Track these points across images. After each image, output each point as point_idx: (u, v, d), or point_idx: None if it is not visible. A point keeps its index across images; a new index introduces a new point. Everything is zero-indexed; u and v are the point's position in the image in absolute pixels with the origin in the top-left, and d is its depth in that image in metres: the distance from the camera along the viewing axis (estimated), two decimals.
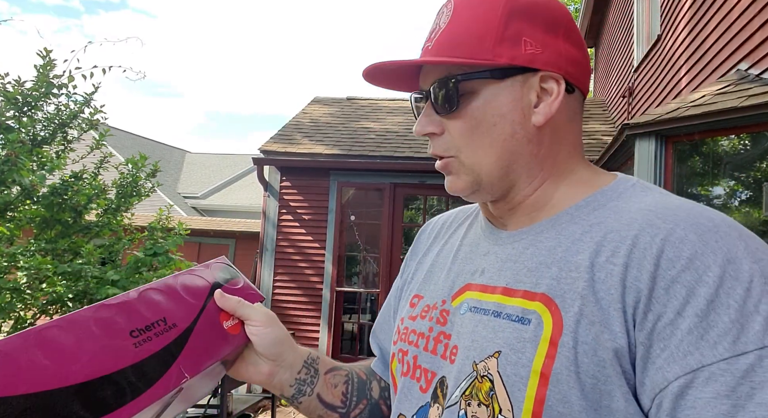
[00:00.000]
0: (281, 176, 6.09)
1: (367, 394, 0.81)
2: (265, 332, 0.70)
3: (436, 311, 0.69)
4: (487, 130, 0.62)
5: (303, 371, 0.75)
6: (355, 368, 0.84)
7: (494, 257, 0.66)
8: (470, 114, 0.62)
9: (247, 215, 14.51)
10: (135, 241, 3.86)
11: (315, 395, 0.76)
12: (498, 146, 0.62)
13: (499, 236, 0.68)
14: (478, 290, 0.65)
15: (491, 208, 0.69)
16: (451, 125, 0.64)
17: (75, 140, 3.78)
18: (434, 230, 0.84)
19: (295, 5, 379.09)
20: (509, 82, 0.62)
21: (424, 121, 0.66)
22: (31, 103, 3.36)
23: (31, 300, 3.04)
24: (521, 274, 0.60)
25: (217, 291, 0.71)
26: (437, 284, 0.72)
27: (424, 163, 5.68)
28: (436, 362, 0.66)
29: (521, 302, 0.58)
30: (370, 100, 7.85)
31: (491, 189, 0.65)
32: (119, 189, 3.80)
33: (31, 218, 3.36)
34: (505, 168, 0.63)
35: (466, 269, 0.69)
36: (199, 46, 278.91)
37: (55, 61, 3.38)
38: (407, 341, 0.72)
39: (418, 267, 0.80)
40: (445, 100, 0.63)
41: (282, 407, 5.45)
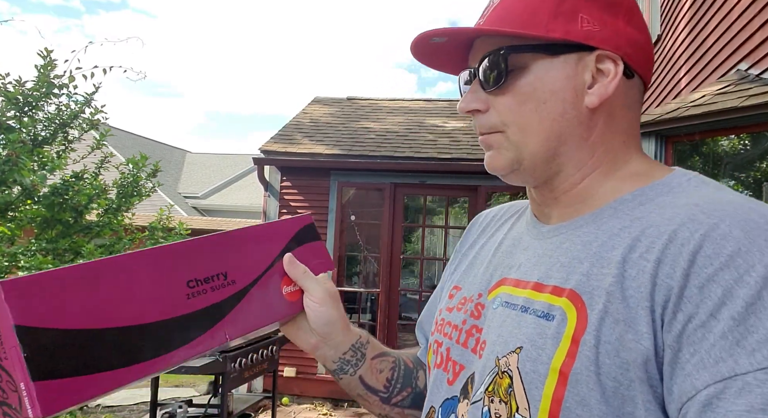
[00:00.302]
0: (281, 176, 6.09)
1: (412, 383, 0.81)
2: (320, 310, 0.70)
3: (472, 304, 0.68)
4: (536, 107, 0.59)
5: (349, 353, 0.75)
6: (403, 355, 0.83)
7: (532, 251, 0.64)
8: (519, 89, 0.59)
9: (248, 214, 14.52)
10: (136, 241, 3.86)
11: (357, 376, 0.76)
12: (546, 125, 0.59)
13: (540, 230, 0.65)
14: (511, 285, 0.63)
15: (535, 194, 0.66)
16: (497, 102, 0.61)
17: (76, 140, 3.78)
18: (483, 223, 0.82)
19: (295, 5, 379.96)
20: (563, 58, 0.58)
21: (469, 97, 0.63)
22: (32, 103, 3.36)
23: None
24: (553, 269, 0.58)
25: (287, 255, 0.69)
26: (476, 276, 0.71)
27: (424, 163, 5.68)
28: (466, 355, 0.65)
29: (548, 298, 0.56)
30: (370, 100, 7.85)
31: (533, 171, 0.62)
32: (120, 189, 3.80)
33: (32, 217, 3.37)
34: (551, 150, 0.60)
35: (504, 263, 0.67)
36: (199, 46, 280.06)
37: (56, 61, 3.38)
38: (442, 332, 0.71)
39: (462, 259, 0.79)
40: (493, 74, 0.60)
41: (282, 407, 5.46)
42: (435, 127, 6.67)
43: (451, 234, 6.23)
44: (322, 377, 5.65)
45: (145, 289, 0.54)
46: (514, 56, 0.59)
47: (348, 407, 5.54)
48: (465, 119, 6.89)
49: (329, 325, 0.71)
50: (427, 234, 6.41)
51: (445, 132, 6.48)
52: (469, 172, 5.60)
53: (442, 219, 6.28)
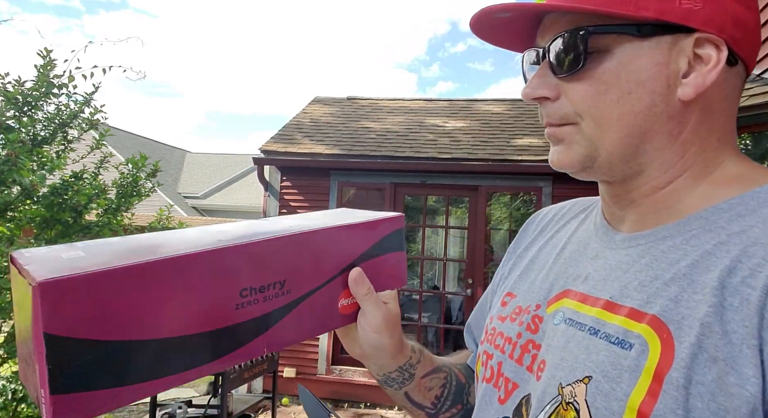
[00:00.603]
0: (281, 176, 6.09)
1: (463, 399, 0.76)
2: (371, 336, 0.64)
3: (528, 315, 0.61)
4: (618, 98, 0.51)
5: (395, 373, 0.70)
6: (455, 368, 0.77)
7: (602, 262, 0.56)
8: (598, 76, 0.51)
9: (248, 214, 14.51)
10: None
11: (402, 391, 0.71)
12: (629, 120, 0.51)
13: (612, 237, 0.57)
14: (577, 300, 0.55)
15: (606, 191, 0.58)
16: (571, 89, 0.53)
17: (75, 140, 3.77)
18: (542, 222, 0.74)
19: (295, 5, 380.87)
20: (654, 42, 0.50)
21: (536, 82, 0.55)
22: (32, 103, 3.35)
23: None
24: (630, 287, 0.50)
25: (356, 270, 0.60)
26: (534, 284, 0.64)
27: (424, 163, 5.68)
28: (520, 373, 0.58)
29: (624, 322, 0.48)
30: (370, 100, 7.84)
31: (608, 170, 0.54)
32: (119, 189, 3.80)
33: (31, 217, 3.36)
34: (633, 148, 0.52)
35: (568, 272, 0.60)
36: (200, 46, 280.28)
37: (56, 61, 3.38)
38: (493, 344, 0.64)
39: (517, 262, 0.72)
40: (568, 57, 0.52)
41: (282, 407, 5.45)
42: (435, 126, 6.66)
43: (451, 234, 6.22)
44: (322, 377, 5.65)
45: (194, 297, 0.48)
46: (596, 38, 0.50)
47: (348, 408, 5.53)
48: (465, 119, 6.88)
49: (378, 350, 0.65)
50: (428, 234, 6.41)
51: (445, 132, 6.48)
52: (470, 172, 5.59)
53: (443, 219, 6.27)
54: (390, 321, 0.64)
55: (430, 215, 6.73)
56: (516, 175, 5.51)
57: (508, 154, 5.66)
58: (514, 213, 6.43)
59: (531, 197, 5.75)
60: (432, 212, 6.89)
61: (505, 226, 6.19)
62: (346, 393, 5.62)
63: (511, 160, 5.53)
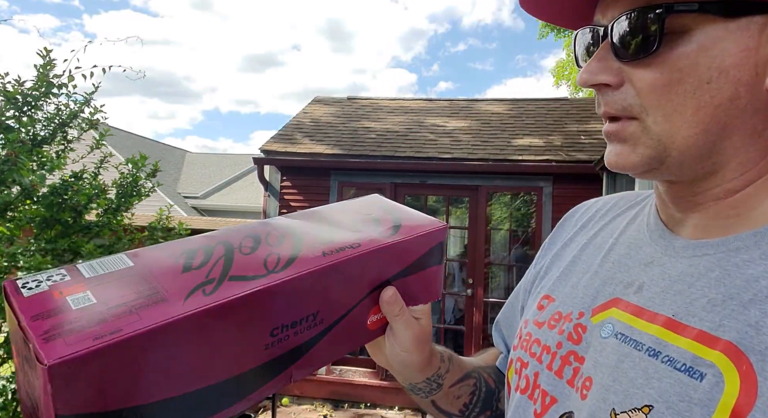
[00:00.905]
0: (282, 176, 6.08)
1: (493, 405, 0.72)
2: (400, 354, 0.60)
3: (570, 323, 0.55)
4: (695, 88, 0.44)
5: (422, 383, 0.66)
6: (485, 373, 0.73)
7: (660, 270, 0.49)
8: (672, 63, 0.44)
9: (248, 214, 14.51)
10: (135, 241, 3.85)
11: (429, 400, 0.68)
12: (707, 113, 0.44)
13: (672, 242, 0.50)
14: (630, 312, 0.49)
15: (665, 190, 0.52)
16: (637, 76, 0.46)
17: (75, 140, 3.77)
18: (583, 217, 0.67)
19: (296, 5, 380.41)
20: (742, 23, 0.42)
21: (595, 66, 0.48)
22: (31, 103, 3.35)
23: None
24: (697, 305, 0.44)
25: (390, 289, 0.55)
26: (576, 288, 0.58)
27: (425, 163, 5.67)
28: (559, 386, 0.53)
29: (693, 346, 0.42)
30: (370, 100, 7.84)
31: (678, 171, 0.47)
32: (119, 189, 3.79)
33: (31, 217, 3.35)
34: (709, 145, 0.45)
35: (617, 278, 0.53)
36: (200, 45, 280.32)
37: (55, 60, 3.37)
38: (529, 351, 0.59)
39: (555, 260, 0.65)
40: (636, 39, 0.45)
41: (282, 408, 5.45)
42: (435, 126, 6.66)
43: (451, 234, 6.21)
44: (322, 377, 5.64)
45: (220, 348, 0.42)
46: (674, 17, 0.43)
47: (348, 408, 5.53)
48: (466, 119, 6.87)
49: (405, 366, 0.62)
50: None
51: (445, 132, 6.47)
52: (470, 172, 5.59)
53: (443, 219, 6.26)
54: (421, 339, 0.60)
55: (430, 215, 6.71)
56: (516, 175, 5.50)
57: (508, 154, 5.65)
58: (515, 213, 6.43)
59: (531, 197, 5.75)
60: (432, 212, 6.88)
61: (505, 226, 6.18)
62: (346, 393, 5.62)
63: (511, 160, 5.52)
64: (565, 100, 7.62)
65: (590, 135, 6.13)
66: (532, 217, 5.77)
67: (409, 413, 5.35)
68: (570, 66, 16.62)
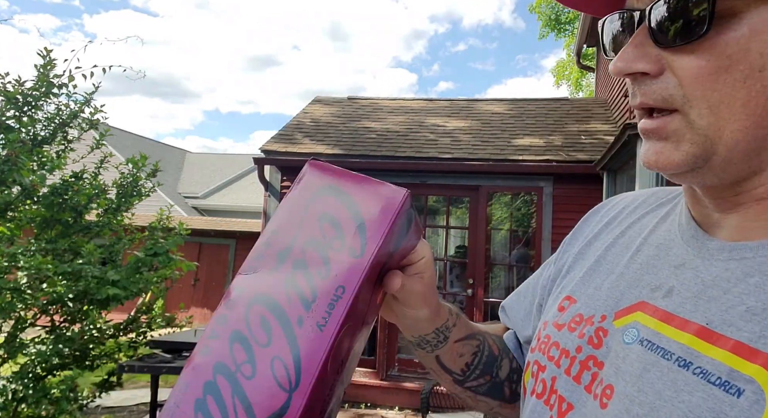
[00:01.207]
0: (282, 176, 6.08)
1: (494, 371, 0.71)
2: (410, 312, 0.60)
3: (592, 327, 0.52)
4: (745, 76, 0.39)
5: (431, 335, 0.65)
6: (490, 339, 0.72)
7: (692, 274, 0.46)
8: (720, 49, 0.40)
9: (248, 214, 14.51)
10: (135, 241, 3.85)
11: (434, 354, 0.67)
12: (759, 105, 0.40)
13: (705, 244, 0.47)
14: (657, 318, 0.46)
15: (705, 192, 0.47)
16: (679, 63, 0.42)
17: (75, 140, 3.77)
18: (609, 213, 0.64)
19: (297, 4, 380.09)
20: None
21: (631, 53, 0.43)
22: (32, 103, 3.35)
23: (31, 300, 3.03)
24: (734, 313, 0.40)
25: (395, 279, 0.53)
26: (599, 289, 0.54)
27: (425, 163, 5.67)
28: (577, 392, 0.50)
29: (729, 358, 0.38)
30: (371, 100, 7.84)
31: (723, 170, 0.43)
32: (119, 189, 3.79)
33: (31, 217, 3.36)
34: (759, 142, 0.41)
35: (644, 280, 0.50)
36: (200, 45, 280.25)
37: (55, 60, 3.37)
38: (547, 354, 0.56)
39: (579, 258, 0.62)
40: (678, 23, 0.41)
41: None
42: (436, 126, 6.66)
43: (452, 234, 6.21)
44: None
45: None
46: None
47: (348, 408, 5.53)
48: (466, 119, 6.87)
49: (416, 321, 0.62)
50: (429, 234, 6.40)
51: (446, 132, 6.47)
52: (470, 172, 5.59)
53: (443, 219, 6.27)
54: (427, 294, 0.58)
55: (430, 215, 6.72)
56: (516, 175, 5.50)
57: (508, 154, 5.65)
58: (515, 213, 6.42)
59: (532, 197, 5.74)
60: (432, 212, 6.88)
61: (505, 226, 6.18)
62: (346, 393, 5.60)
63: (511, 160, 5.52)
64: (565, 100, 7.61)
65: (591, 135, 6.13)
66: (532, 217, 5.77)
67: (409, 413, 5.35)
68: (570, 66, 16.61)
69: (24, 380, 2.95)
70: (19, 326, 3.24)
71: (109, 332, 3.51)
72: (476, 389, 0.70)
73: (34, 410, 2.94)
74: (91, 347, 3.43)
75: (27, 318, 3.30)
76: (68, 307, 3.28)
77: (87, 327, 3.36)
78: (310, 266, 0.48)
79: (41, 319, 3.41)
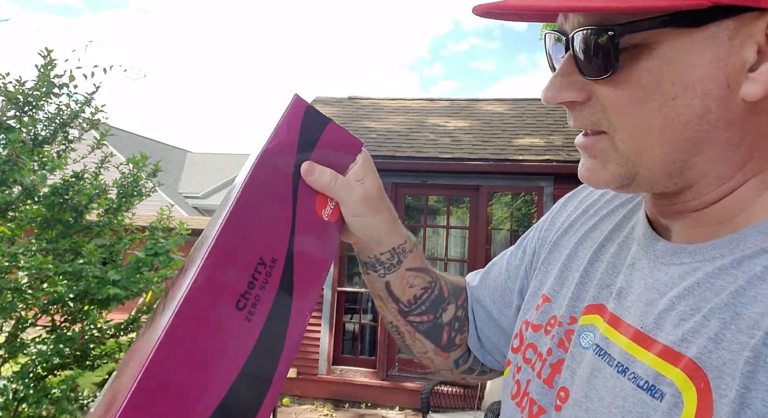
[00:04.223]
0: None
1: (438, 312, 0.69)
2: (358, 221, 0.56)
3: (561, 329, 0.52)
4: (660, 105, 0.41)
5: (386, 255, 0.63)
6: (443, 280, 0.71)
7: (639, 277, 0.47)
8: (635, 80, 0.41)
9: None
10: (136, 241, 3.85)
11: (385, 280, 0.65)
12: (675, 131, 0.41)
13: (653, 245, 0.48)
14: (607, 321, 0.47)
15: (649, 199, 0.50)
16: (601, 93, 0.43)
17: (76, 140, 3.77)
18: (587, 199, 0.64)
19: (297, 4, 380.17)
20: (710, 31, 0.39)
21: (559, 83, 0.45)
22: (32, 103, 3.35)
23: (32, 300, 3.04)
24: (666, 318, 0.41)
25: (304, 165, 0.51)
26: (569, 288, 0.55)
27: (425, 162, 5.67)
28: (548, 396, 0.51)
29: (657, 363, 0.40)
30: (371, 100, 7.84)
31: (650, 187, 0.46)
32: (120, 189, 3.79)
33: (32, 217, 3.36)
34: (680, 163, 0.43)
35: (604, 281, 0.51)
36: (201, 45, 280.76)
37: (56, 60, 3.37)
38: (523, 357, 0.56)
39: (553, 250, 0.62)
40: (596, 58, 0.42)
41: (283, 407, 5.44)
42: (436, 126, 6.66)
43: (452, 234, 6.21)
44: (323, 377, 5.64)
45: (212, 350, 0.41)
46: (631, 35, 0.40)
47: (349, 408, 5.53)
48: (467, 118, 6.87)
49: (371, 230, 0.59)
50: (430, 234, 6.40)
51: (446, 131, 6.47)
52: (471, 172, 5.59)
53: (444, 219, 6.26)
54: (370, 199, 0.57)
55: (431, 215, 6.72)
56: (517, 175, 5.50)
57: (509, 153, 5.65)
58: (515, 213, 6.42)
59: (532, 197, 5.74)
60: (433, 211, 6.88)
61: (506, 226, 6.18)
62: (346, 393, 5.61)
63: (512, 160, 5.52)
64: None
65: None
66: (533, 217, 5.76)
67: (409, 413, 5.35)
68: None
69: (25, 379, 2.95)
70: (19, 326, 3.25)
71: (109, 331, 3.51)
72: (417, 325, 0.69)
73: (34, 409, 2.94)
74: (92, 347, 3.44)
75: (28, 318, 3.31)
76: (69, 307, 3.29)
77: (88, 327, 3.36)
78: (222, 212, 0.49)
79: (42, 319, 3.41)
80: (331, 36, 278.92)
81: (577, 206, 0.65)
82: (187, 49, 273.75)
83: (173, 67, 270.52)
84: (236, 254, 0.45)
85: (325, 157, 0.53)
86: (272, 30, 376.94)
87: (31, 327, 3.34)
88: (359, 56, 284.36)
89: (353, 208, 0.55)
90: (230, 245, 0.44)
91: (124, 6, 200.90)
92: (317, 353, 5.72)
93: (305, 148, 0.52)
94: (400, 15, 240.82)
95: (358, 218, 0.56)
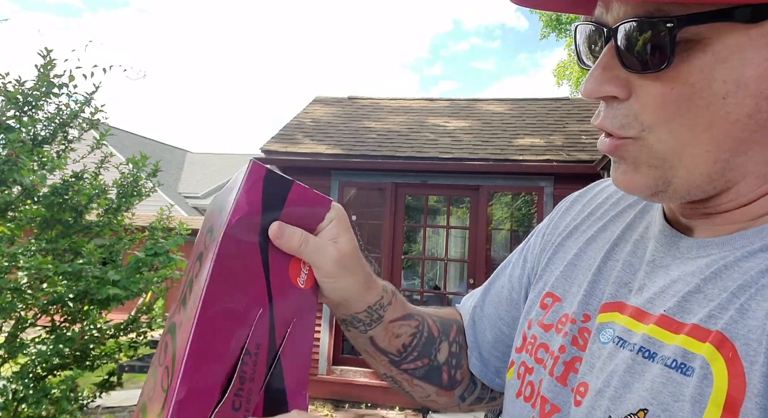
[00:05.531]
0: None
1: (431, 355, 0.67)
2: (332, 284, 0.54)
3: (575, 326, 0.51)
4: (708, 103, 0.39)
5: (363, 314, 0.60)
6: (429, 319, 0.68)
7: (663, 272, 0.46)
8: (685, 77, 0.39)
9: None
10: (136, 241, 3.85)
11: (367, 335, 0.62)
12: (722, 129, 0.40)
13: (676, 243, 0.47)
14: (629, 315, 0.47)
15: (674, 205, 0.49)
16: (645, 89, 0.41)
17: (76, 140, 3.77)
18: (593, 201, 0.63)
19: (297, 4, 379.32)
20: (766, 28, 0.38)
21: (600, 76, 0.43)
22: (32, 103, 3.35)
23: (32, 300, 3.03)
24: (693, 300, 0.41)
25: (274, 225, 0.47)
26: (581, 287, 0.54)
27: (426, 162, 5.67)
28: (563, 394, 0.50)
29: (685, 341, 0.40)
30: (371, 100, 7.83)
31: (686, 193, 0.44)
32: (120, 189, 3.79)
33: (31, 217, 3.35)
34: (722, 164, 0.41)
35: (622, 279, 0.50)
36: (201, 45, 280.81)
37: (56, 60, 3.37)
38: (535, 357, 0.55)
39: (558, 251, 0.61)
40: (647, 51, 0.40)
41: None
42: (437, 126, 6.65)
43: (452, 234, 6.21)
44: (323, 377, 5.64)
45: None
46: (687, 28, 0.38)
47: (349, 409, 5.52)
48: (467, 118, 6.87)
49: (342, 293, 0.56)
50: (430, 234, 6.40)
51: (446, 131, 6.46)
52: (471, 172, 5.58)
53: (444, 219, 6.26)
54: (344, 260, 0.53)
55: (431, 215, 6.72)
56: (517, 175, 5.50)
57: (509, 153, 5.65)
58: (516, 213, 6.42)
59: (532, 197, 5.74)
60: (433, 211, 6.88)
61: (506, 226, 6.18)
62: (346, 393, 5.61)
63: (512, 160, 5.52)
64: (566, 99, 7.61)
65: (591, 135, 6.12)
66: (533, 217, 5.76)
67: (410, 414, 5.35)
68: (571, 66, 16.60)
69: (24, 380, 2.95)
70: (19, 326, 3.24)
71: (109, 332, 3.51)
72: (413, 372, 0.66)
73: (34, 410, 2.94)
74: (92, 347, 3.43)
75: (27, 318, 3.30)
76: (69, 307, 3.28)
77: (87, 327, 3.36)
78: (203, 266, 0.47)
79: (41, 319, 3.41)
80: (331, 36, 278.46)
81: (582, 210, 0.63)
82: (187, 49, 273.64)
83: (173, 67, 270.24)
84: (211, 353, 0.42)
85: (293, 217, 0.49)
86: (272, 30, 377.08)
87: (31, 327, 3.34)
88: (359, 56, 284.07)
89: (326, 270, 0.52)
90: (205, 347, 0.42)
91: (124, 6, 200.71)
92: (317, 353, 5.72)
93: (271, 211, 0.48)
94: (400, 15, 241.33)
95: (330, 279, 0.53)
